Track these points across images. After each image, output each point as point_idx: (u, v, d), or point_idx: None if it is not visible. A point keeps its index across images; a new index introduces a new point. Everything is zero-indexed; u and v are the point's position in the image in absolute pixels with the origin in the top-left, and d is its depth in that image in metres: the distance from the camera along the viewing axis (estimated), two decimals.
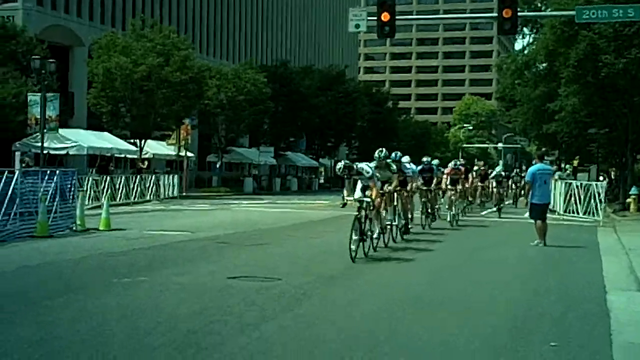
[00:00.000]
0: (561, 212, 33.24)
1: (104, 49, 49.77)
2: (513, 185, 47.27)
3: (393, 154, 20.01)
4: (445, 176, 27.13)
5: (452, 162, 28.42)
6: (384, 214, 18.03)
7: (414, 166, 22.94)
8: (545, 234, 19.68)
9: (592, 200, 30.88)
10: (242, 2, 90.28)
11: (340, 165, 16.26)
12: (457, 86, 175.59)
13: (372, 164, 17.42)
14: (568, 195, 33.36)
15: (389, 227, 18.60)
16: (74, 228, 21.71)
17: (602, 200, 31.02)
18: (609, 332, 9.28)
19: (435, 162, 27.16)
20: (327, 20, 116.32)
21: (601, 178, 52.92)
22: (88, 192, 32.49)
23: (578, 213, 31.84)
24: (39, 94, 39.79)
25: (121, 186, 38.59)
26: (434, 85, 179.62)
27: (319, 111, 73.79)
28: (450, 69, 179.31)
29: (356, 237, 15.30)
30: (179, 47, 51.48)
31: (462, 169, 29.79)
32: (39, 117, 39.65)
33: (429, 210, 24.71)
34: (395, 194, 19.33)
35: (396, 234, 19.55)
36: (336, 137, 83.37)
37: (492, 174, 36.79)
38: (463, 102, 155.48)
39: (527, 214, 21.68)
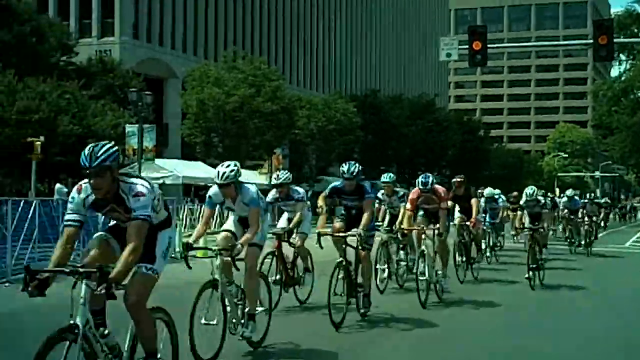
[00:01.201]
0: None
1: (197, 81, 50.77)
2: (585, 218, 26.30)
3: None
4: (408, 205, 14.95)
5: (421, 178, 14.51)
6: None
7: (299, 190, 13.80)
8: None
9: None
10: (331, 33, 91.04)
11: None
12: (550, 114, 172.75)
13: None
14: None
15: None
16: (173, 255, 22.04)
17: None
18: None
19: (389, 176, 16.69)
20: (417, 49, 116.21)
21: None
22: (183, 220, 33.05)
23: None
24: (136, 125, 40.68)
25: (216, 215, 39.01)
26: (526, 113, 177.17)
27: (409, 140, 73.65)
28: (543, 97, 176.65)
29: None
30: (270, 78, 52.21)
31: (440, 190, 14.82)
32: (136, 147, 40.53)
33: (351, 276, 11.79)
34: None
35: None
36: (426, 166, 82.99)
37: (523, 200, 18.37)
38: (557, 130, 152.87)
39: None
